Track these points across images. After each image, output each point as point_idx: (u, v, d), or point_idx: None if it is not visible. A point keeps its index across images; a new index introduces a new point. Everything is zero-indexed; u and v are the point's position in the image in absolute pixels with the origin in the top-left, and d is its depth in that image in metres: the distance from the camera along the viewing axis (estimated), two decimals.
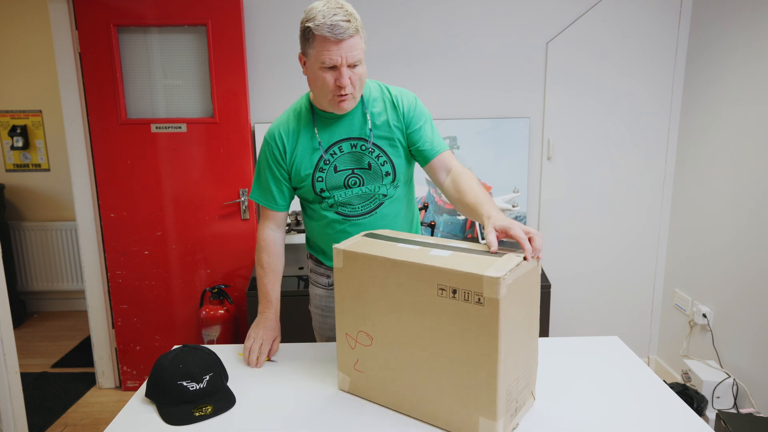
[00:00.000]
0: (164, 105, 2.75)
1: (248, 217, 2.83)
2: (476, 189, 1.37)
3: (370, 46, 2.77)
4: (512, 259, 1.10)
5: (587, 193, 2.93)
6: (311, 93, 1.48)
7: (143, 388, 1.31)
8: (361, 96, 1.47)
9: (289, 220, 2.79)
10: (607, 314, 3.07)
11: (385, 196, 1.54)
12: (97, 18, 2.61)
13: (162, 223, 2.81)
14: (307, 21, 1.32)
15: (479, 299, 1.03)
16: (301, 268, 2.59)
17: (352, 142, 1.48)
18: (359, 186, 1.51)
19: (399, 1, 2.75)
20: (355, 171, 1.49)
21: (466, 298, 1.05)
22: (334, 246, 1.24)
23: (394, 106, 1.49)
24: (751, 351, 2.33)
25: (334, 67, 1.33)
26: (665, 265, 3.00)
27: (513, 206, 2.83)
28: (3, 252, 3.65)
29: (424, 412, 1.17)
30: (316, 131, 1.47)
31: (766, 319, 2.24)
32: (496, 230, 1.16)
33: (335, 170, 1.49)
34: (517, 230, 1.13)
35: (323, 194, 1.50)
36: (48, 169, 3.95)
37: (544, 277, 2.50)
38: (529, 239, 1.13)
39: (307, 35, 1.33)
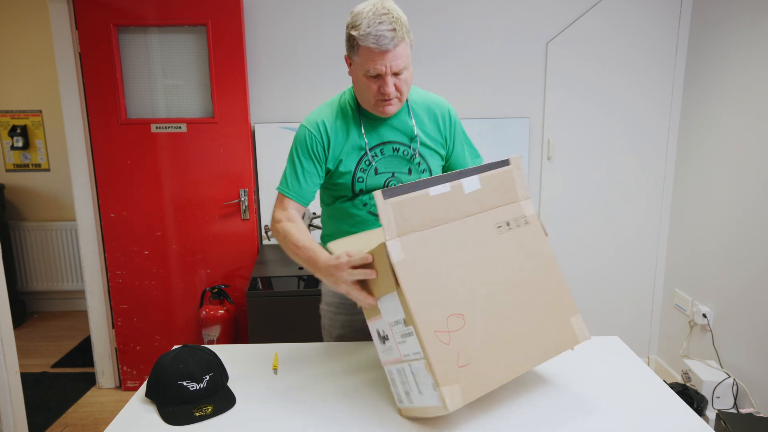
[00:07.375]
0: (164, 105, 2.75)
1: (248, 217, 2.83)
2: None
3: None
4: (515, 177, 1.27)
5: (587, 193, 2.93)
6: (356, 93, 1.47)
7: (143, 388, 1.31)
8: (407, 100, 1.46)
9: None
10: (607, 314, 3.06)
11: None
12: (97, 18, 2.61)
13: (162, 223, 2.81)
14: (352, 28, 1.31)
15: (525, 220, 1.25)
16: (301, 268, 2.58)
17: (395, 146, 1.48)
18: None
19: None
20: (396, 174, 1.49)
21: (518, 224, 1.24)
22: (385, 243, 1.10)
23: (435, 118, 1.51)
24: (751, 351, 2.33)
25: (378, 76, 1.33)
26: (665, 265, 3.00)
27: None
28: (3, 252, 3.64)
29: (535, 357, 1.17)
30: (363, 130, 1.46)
31: (766, 319, 2.24)
32: None
33: (376, 172, 1.48)
34: None
35: (361, 195, 1.49)
36: (48, 169, 3.94)
37: None
38: None
39: (351, 43, 1.32)
